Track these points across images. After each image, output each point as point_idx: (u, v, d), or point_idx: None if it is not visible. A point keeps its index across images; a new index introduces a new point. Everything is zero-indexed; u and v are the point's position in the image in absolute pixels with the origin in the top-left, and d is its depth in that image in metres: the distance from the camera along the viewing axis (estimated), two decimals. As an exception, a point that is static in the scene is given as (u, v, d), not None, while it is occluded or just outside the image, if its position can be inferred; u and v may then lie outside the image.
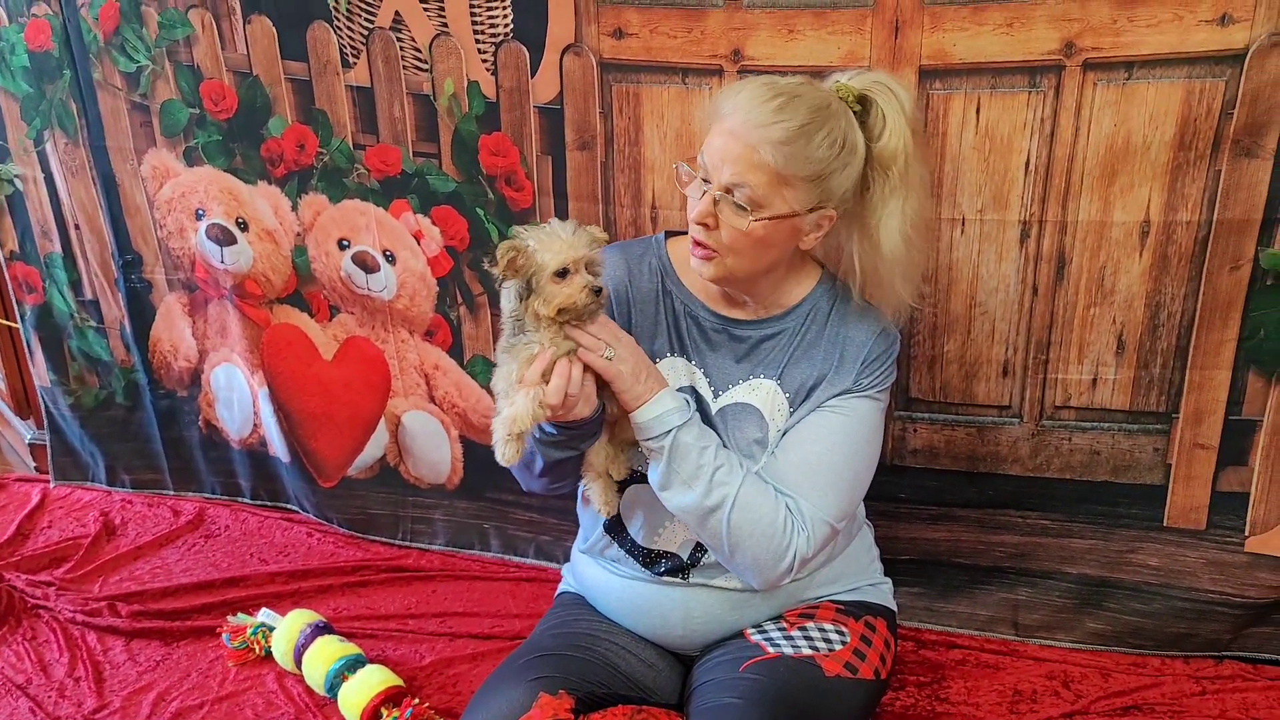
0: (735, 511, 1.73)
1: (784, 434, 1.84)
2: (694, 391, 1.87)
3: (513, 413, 1.65)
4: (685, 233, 1.86)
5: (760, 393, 1.85)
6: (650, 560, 1.93)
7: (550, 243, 1.63)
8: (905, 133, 1.73)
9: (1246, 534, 2.23)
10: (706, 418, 1.85)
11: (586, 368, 1.69)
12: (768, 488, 1.77)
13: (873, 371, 1.84)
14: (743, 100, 1.67)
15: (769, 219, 1.69)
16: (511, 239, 1.65)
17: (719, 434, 1.83)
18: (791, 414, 1.84)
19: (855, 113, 1.72)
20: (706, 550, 1.87)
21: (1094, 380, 2.20)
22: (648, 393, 1.73)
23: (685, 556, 1.91)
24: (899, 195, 1.74)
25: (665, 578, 1.92)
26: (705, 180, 1.72)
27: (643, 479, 1.85)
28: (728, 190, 1.68)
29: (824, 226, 1.76)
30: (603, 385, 1.73)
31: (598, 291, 1.64)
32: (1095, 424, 2.24)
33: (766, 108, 1.65)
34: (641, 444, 1.77)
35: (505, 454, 1.67)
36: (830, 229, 1.77)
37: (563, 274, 1.62)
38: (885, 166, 1.73)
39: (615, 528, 1.96)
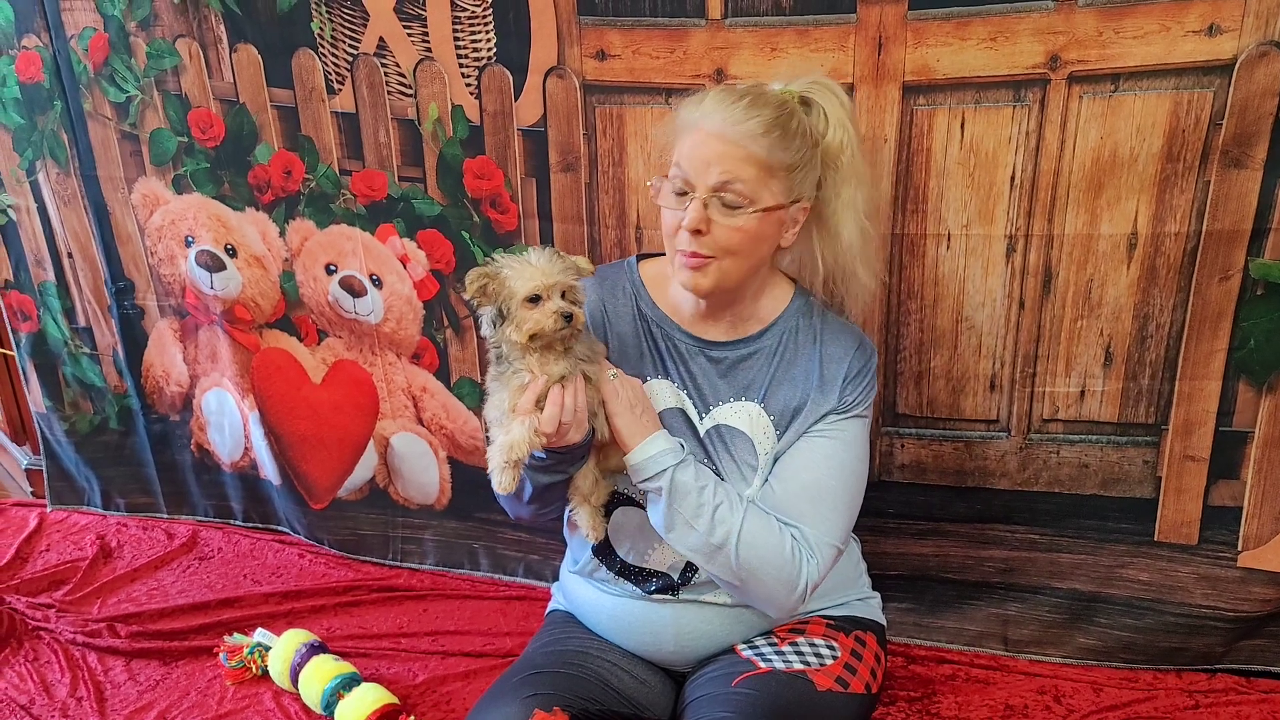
0: (742, 546, 1.68)
1: (775, 460, 1.78)
2: (681, 414, 1.80)
3: (509, 440, 1.60)
4: (657, 254, 1.87)
5: (745, 416, 1.79)
6: (641, 579, 1.86)
7: (522, 269, 1.59)
8: (847, 125, 1.73)
9: (1240, 549, 2.11)
10: (695, 437, 1.80)
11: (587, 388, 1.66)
12: (770, 519, 1.72)
13: (855, 387, 1.78)
14: (711, 106, 1.66)
15: (762, 211, 1.65)
16: (483, 266, 1.62)
17: (709, 455, 1.78)
18: (779, 437, 1.78)
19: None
20: (697, 569, 1.80)
21: (1081, 392, 2.09)
22: (642, 431, 1.69)
23: (676, 576, 1.84)
24: (850, 184, 1.74)
25: (656, 595, 1.85)
26: (683, 191, 1.66)
27: (628, 502, 1.82)
28: (717, 191, 1.63)
29: (800, 220, 1.74)
30: (595, 412, 1.69)
31: (569, 317, 1.58)
32: (1084, 436, 2.13)
33: (738, 107, 1.63)
34: (639, 486, 1.72)
35: (502, 481, 1.62)
36: (804, 222, 1.76)
37: (535, 300, 1.58)
38: (834, 158, 1.73)
39: (604, 551, 1.89)
